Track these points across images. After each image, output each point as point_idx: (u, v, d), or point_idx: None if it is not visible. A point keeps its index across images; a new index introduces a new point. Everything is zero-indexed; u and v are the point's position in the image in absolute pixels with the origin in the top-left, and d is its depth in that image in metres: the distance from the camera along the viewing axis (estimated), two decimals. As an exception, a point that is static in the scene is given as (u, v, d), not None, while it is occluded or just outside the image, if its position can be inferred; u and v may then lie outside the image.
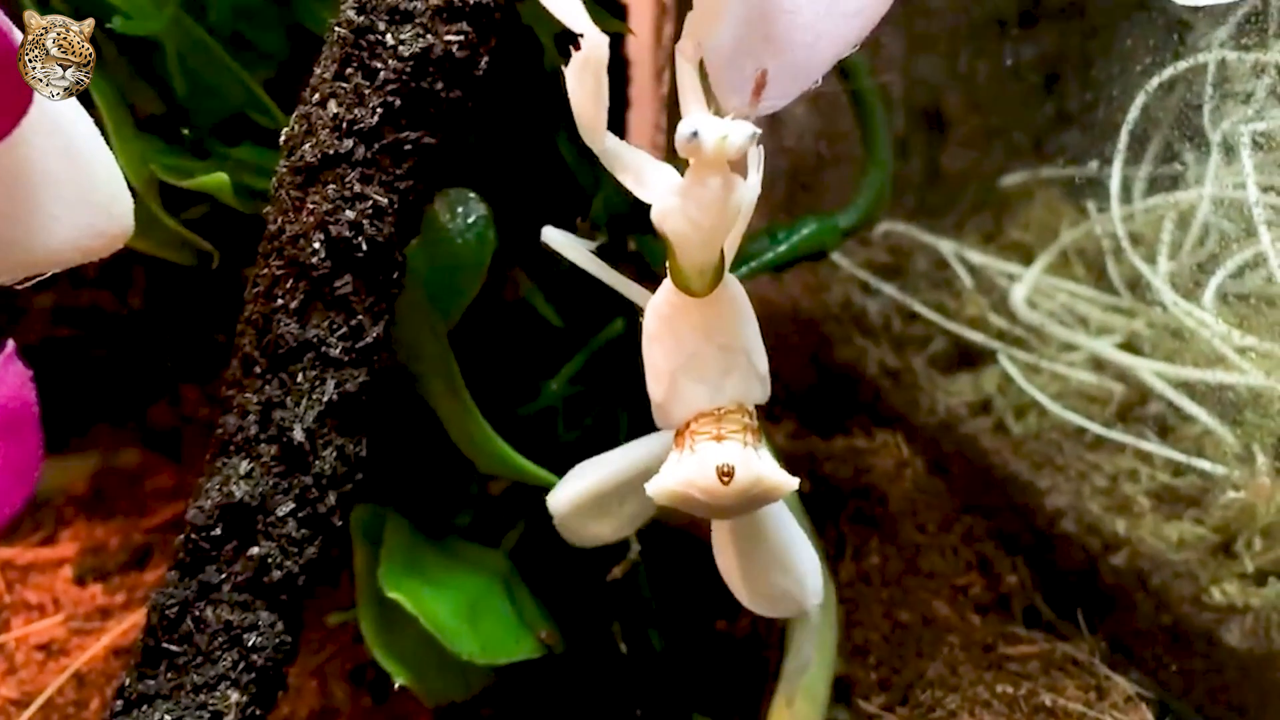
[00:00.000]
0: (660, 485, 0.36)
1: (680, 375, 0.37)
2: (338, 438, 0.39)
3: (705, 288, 0.35)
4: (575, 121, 0.35)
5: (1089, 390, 0.71)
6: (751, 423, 0.37)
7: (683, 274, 0.35)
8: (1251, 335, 0.59)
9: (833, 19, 0.37)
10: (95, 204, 0.35)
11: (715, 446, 0.36)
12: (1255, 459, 0.59)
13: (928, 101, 0.90)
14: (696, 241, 0.34)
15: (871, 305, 0.84)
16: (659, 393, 0.38)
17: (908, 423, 0.75)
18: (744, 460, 0.35)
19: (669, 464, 0.37)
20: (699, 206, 0.33)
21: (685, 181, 0.33)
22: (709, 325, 0.37)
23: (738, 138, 0.32)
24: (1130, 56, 0.66)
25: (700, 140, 0.32)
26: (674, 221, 0.34)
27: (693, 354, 0.37)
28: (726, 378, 0.37)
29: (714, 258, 0.35)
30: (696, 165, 0.33)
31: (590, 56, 0.33)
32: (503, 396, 0.52)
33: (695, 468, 0.35)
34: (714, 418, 0.37)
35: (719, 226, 0.34)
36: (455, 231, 0.48)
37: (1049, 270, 0.80)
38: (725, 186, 0.33)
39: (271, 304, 0.38)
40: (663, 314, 0.37)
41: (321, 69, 0.38)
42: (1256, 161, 0.60)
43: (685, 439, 0.37)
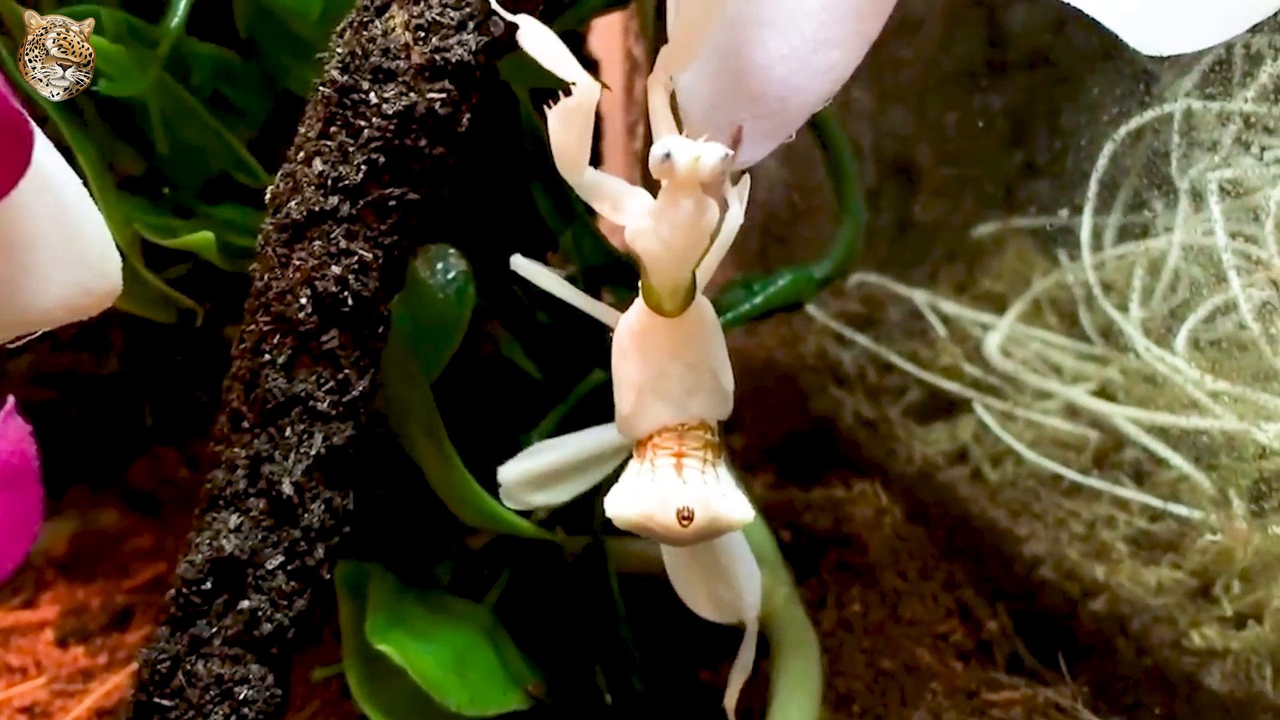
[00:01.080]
0: (620, 512, 0.36)
1: (647, 391, 0.37)
2: (326, 491, 0.39)
3: (677, 308, 0.36)
4: (554, 159, 0.35)
5: (1064, 438, 0.72)
6: (713, 439, 0.38)
7: (655, 294, 0.36)
8: (1224, 380, 0.60)
9: (805, 74, 0.38)
10: (85, 262, 0.35)
11: (674, 482, 0.36)
12: (1231, 503, 0.60)
13: (899, 153, 0.91)
14: (668, 262, 0.34)
15: (846, 356, 0.85)
16: (625, 406, 0.38)
17: (885, 472, 0.75)
18: (703, 503, 0.35)
19: (628, 476, 0.37)
20: (671, 227, 0.33)
21: (658, 202, 0.34)
22: (678, 344, 0.37)
23: (710, 159, 0.32)
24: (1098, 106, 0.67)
25: (673, 161, 0.32)
26: (646, 241, 0.34)
27: (660, 372, 0.37)
28: (692, 396, 0.37)
29: (685, 278, 0.35)
30: (669, 186, 0.33)
31: (582, 103, 0.34)
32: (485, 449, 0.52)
33: (656, 504, 0.35)
34: (677, 433, 0.37)
35: (691, 247, 0.34)
36: (436, 287, 0.49)
37: (1022, 319, 0.80)
38: (698, 208, 0.33)
39: (259, 359, 0.39)
40: (633, 331, 0.37)
41: (306, 127, 0.38)
42: (1224, 208, 0.61)
43: (647, 450, 0.37)
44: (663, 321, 0.36)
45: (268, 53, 0.48)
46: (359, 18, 0.38)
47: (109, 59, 0.43)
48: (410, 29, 0.37)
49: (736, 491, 0.37)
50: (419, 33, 0.37)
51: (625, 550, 0.59)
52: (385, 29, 0.37)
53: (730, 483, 0.37)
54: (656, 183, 0.34)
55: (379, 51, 0.37)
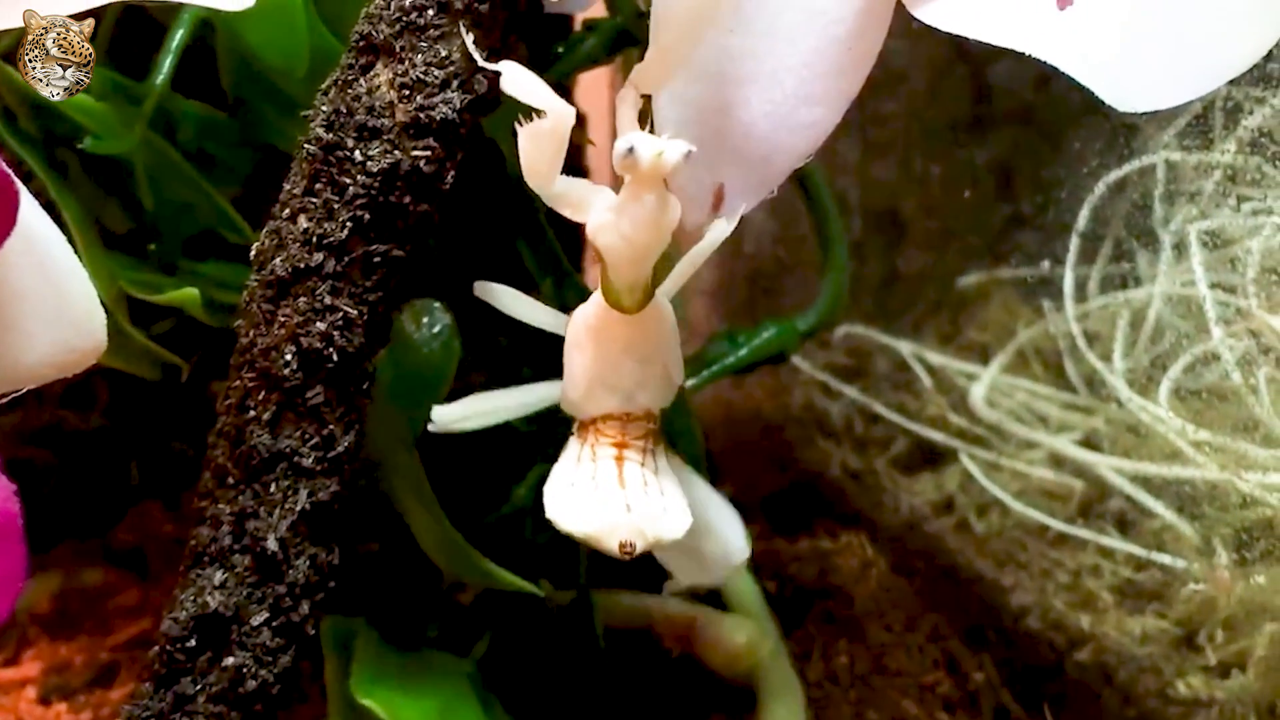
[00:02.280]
0: (561, 522, 0.36)
1: (597, 383, 0.38)
2: (311, 546, 0.39)
3: (635, 305, 0.36)
4: (524, 175, 0.35)
5: (1050, 487, 0.72)
6: (655, 427, 0.38)
7: (614, 290, 0.36)
8: (1207, 429, 0.60)
9: (787, 131, 0.38)
10: (70, 320, 0.35)
11: (615, 494, 0.36)
12: (1215, 552, 0.60)
13: (884, 205, 0.92)
14: (629, 257, 0.35)
15: (833, 408, 0.85)
16: (574, 394, 0.39)
17: (872, 523, 0.75)
18: (642, 529, 0.35)
19: (567, 461, 0.38)
20: (633, 222, 0.34)
21: (620, 197, 0.34)
22: (633, 341, 0.37)
23: (673, 154, 0.32)
24: (1080, 158, 0.68)
25: (636, 155, 0.32)
26: (607, 237, 0.34)
27: (613, 366, 0.37)
28: (641, 389, 0.38)
29: (645, 275, 0.36)
30: (632, 181, 0.33)
31: (556, 127, 0.34)
32: (470, 502, 0.52)
33: (598, 528, 0.35)
34: (622, 422, 0.38)
35: (652, 244, 0.34)
36: (421, 341, 0.49)
37: (1007, 369, 0.80)
38: (660, 203, 0.33)
39: (244, 416, 0.39)
40: (589, 325, 0.37)
41: (291, 185, 0.39)
42: (1206, 259, 0.61)
43: (589, 435, 0.38)
44: (620, 317, 0.36)
45: (254, 109, 0.48)
46: (344, 76, 0.38)
47: (94, 117, 0.44)
48: (395, 87, 0.37)
49: (675, 494, 0.38)
50: (403, 91, 0.37)
51: (612, 603, 0.59)
52: (370, 87, 0.38)
53: (669, 479, 0.38)
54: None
55: (364, 110, 0.38)
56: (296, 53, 0.44)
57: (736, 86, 0.39)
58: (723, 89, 0.38)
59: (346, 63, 0.39)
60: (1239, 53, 0.35)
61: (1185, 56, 0.35)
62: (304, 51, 0.44)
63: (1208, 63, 0.35)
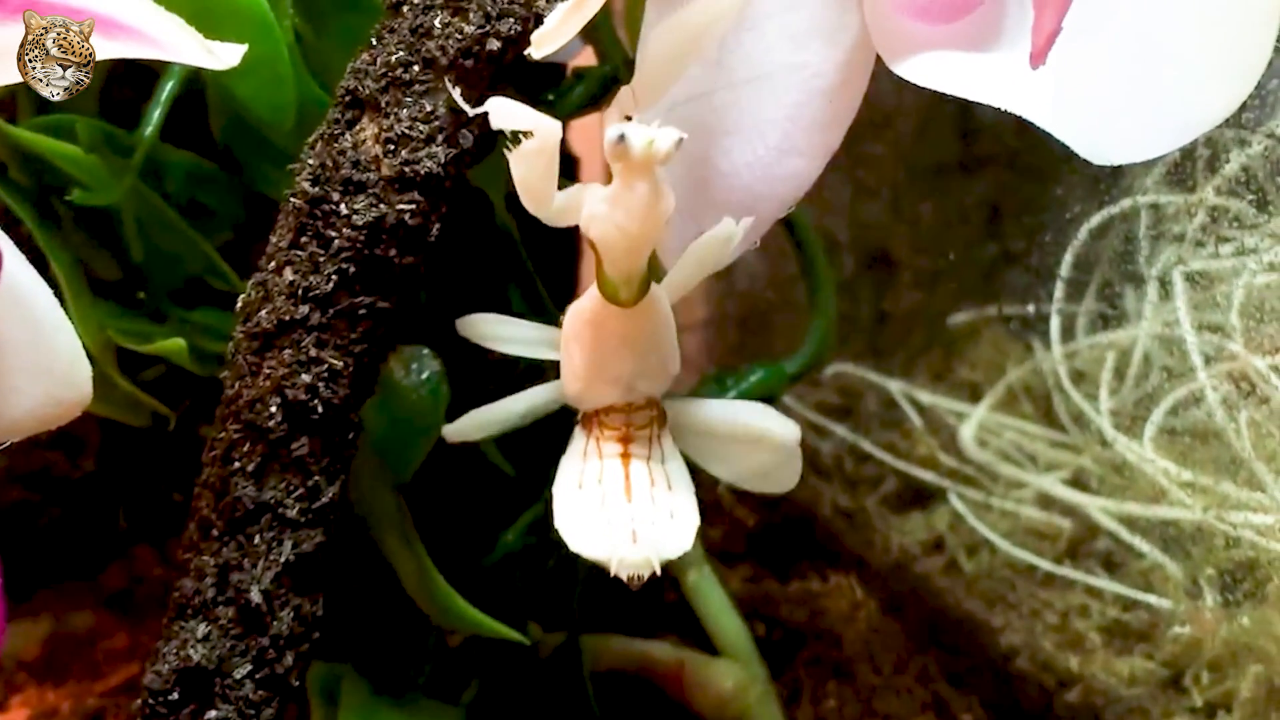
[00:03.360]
0: (572, 543, 0.36)
1: (596, 376, 0.38)
2: (295, 598, 0.40)
3: (632, 297, 0.36)
4: (521, 199, 0.35)
5: (1039, 527, 0.72)
6: (657, 412, 0.38)
7: (610, 283, 0.35)
8: (1193, 469, 0.60)
9: (770, 181, 0.39)
10: (55, 373, 0.36)
11: (622, 510, 0.36)
12: (1201, 593, 0.60)
13: (875, 245, 0.92)
14: (623, 248, 0.34)
15: (824, 446, 0.85)
16: (573, 387, 0.38)
17: (862, 563, 0.75)
18: (650, 555, 0.35)
19: (573, 459, 0.38)
20: (626, 212, 0.33)
21: (613, 188, 0.33)
22: (630, 334, 0.37)
23: (664, 142, 0.32)
24: (1068, 198, 0.69)
25: (628, 143, 0.31)
26: (601, 227, 0.34)
27: (611, 359, 0.37)
28: (641, 379, 0.38)
29: (641, 266, 0.35)
30: (624, 170, 0.32)
31: (545, 145, 0.34)
32: (459, 548, 0.52)
33: (607, 553, 0.35)
34: (625, 412, 0.38)
35: (646, 234, 0.34)
36: (409, 387, 0.49)
37: (997, 407, 0.81)
38: (653, 192, 0.33)
39: (229, 467, 0.39)
40: (585, 318, 0.37)
41: (277, 237, 0.39)
42: (1191, 299, 0.62)
43: (594, 427, 0.38)
44: (616, 311, 0.36)
45: (243, 159, 0.49)
46: (330, 130, 0.39)
47: (84, 168, 0.44)
48: (380, 142, 0.38)
49: (682, 487, 0.37)
50: (389, 145, 0.38)
51: (601, 646, 0.59)
52: (356, 141, 0.38)
53: (676, 466, 0.38)
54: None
55: (349, 164, 0.38)
56: (284, 105, 0.44)
57: (719, 138, 0.39)
58: (706, 140, 0.38)
59: (332, 117, 0.39)
60: (1213, 106, 0.36)
61: (1160, 110, 0.36)
62: (292, 104, 0.44)
63: (1182, 116, 0.36)
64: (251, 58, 0.35)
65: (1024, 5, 0.33)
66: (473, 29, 0.38)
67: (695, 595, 0.60)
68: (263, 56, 0.42)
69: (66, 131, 0.45)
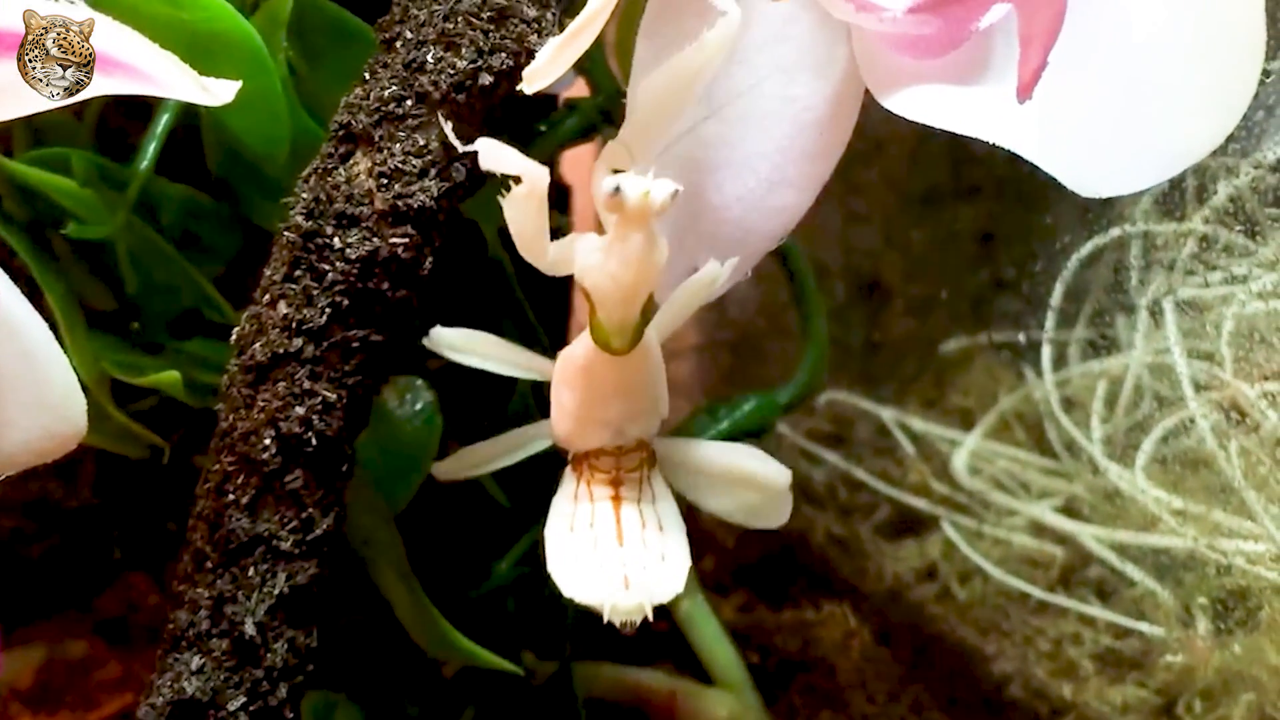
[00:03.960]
0: (567, 590, 0.36)
1: (587, 420, 0.38)
2: (289, 630, 0.40)
3: (625, 346, 0.36)
4: (518, 248, 0.36)
5: (1031, 554, 0.72)
6: (647, 453, 0.38)
7: (603, 331, 0.35)
8: (1185, 497, 0.61)
9: (760, 214, 0.39)
10: (50, 407, 0.36)
11: (613, 554, 0.36)
12: (1194, 620, 0.60)
13: (867, 272, 0.92)
14: (618, 298, 0.34)
15: (816, 474, 0.85)
16: (563, 430, 0.38)
17: (855, 591, 0.75)
18: (641, 609, 0.35)
19: (564, 502, 0.38)
20: (621, 262, 0.33)
21: (608, 238, 0.33)
22: (622, 381, 0.37)
23: (660, 193, 0.32)
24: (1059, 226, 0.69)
25: (623, 194, 0.31)
26: (595, 277, 0.34)
27: (602, 404, 0.37)
28: (631, 422, 0.38)
29: (634, 315, 0.35)
30: (620, 221, 0.32)
31: (533, 190, 0.34)
32: (452, 578, 0.53)
33: (603, 605, 0.35)
34: (614, 455, 0.38)
35: (641, 284, 0.34)
36: (403, 418, 0.49)
37: (990, 434, 0.81)
38: (648, 242, 0.33)
39: (223, 500, 0.39)
40: (578, 364, 0.37)
41: (271, 271, 0.39)
42: (1182, 326, 0.62)
43: (584, 470, 0.38)
44: (609, 359, 0.36)
45: (237, 192, 0.49)
46: (323, 164, 0.39)
47: (79, 202, 0.44)
48: (373, 176, 0.38)
49: (674, 528, 0.38)
50: (382, 180, 0.38)
51: (594, 675, 0.59)
52: (349, 176, 0.38)
53: (667, 507, 0.38)
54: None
55: (343, 198, 0.38)
56: (279, 139, 0.45)
57: (710, 171, 0.39)
58: (697, 174, 0.39)
59: (326, 151, 0.39)
60: (1199, 139, 0.36)
61: (1146, 143, 0.36)
62: (286, 137, 0.45)
63: (1169, 149, 0.36)
64: (246, 92, 0.35)
65: (1010, 40, 0.34)
66: (465, 64, 0.38)
67: (688, 624, 0.60)
68: (257, 91, 0.42)
69: (62, 165, 0.45)
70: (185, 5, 0.40)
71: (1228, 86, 0.36)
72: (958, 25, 0.34)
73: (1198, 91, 0.36)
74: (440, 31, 0.38)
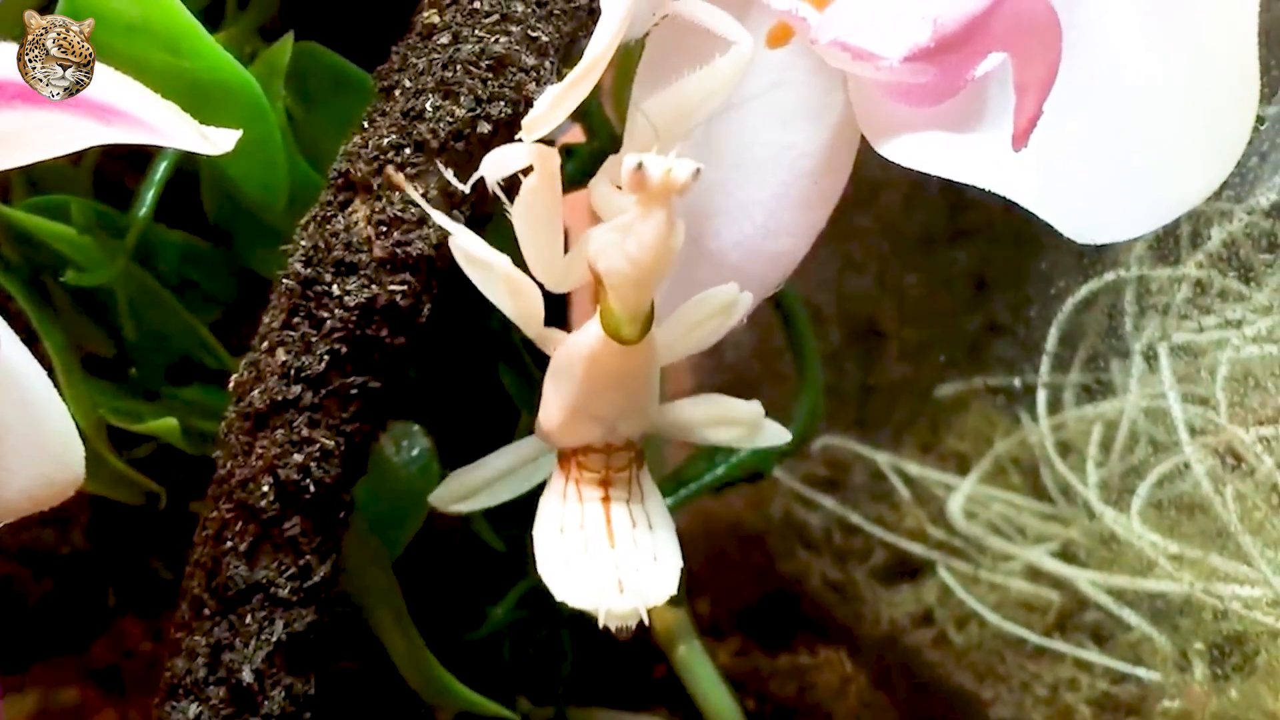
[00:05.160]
0: (560, 593, 0.35)
1: (580, 414, 0.37)
2: (286, 677, 0.39)
3: (636, 335, 0.35)
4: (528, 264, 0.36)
5: (1028, 599, 0.72)
6: (635, 453, 0.38)
7: (614, 318, 0.35)
8: (1181, 541, 0.61)
9: (757, 261, 0.39)
10: (49, 454, 0.36)
11: (605, 555, 0.36)
12: (1191, 665, 0.60)
13: (862, 316, 0.93)
14: (633, 280, 0.33)
15: (813, 519, 0.85)
16: (551, 423, 0.38)
17: (851, 636, 0.75)
18: (636, 613, 0.35)
19: (552, 502, 0.37)
20: (640, 243, 0.32)
21: (628, 216, 0.33)
22: (625, 373, 0.36)
23: (682, 171, 0.31)
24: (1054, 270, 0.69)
25: (645, 171, 0.31)
26: (611, 258, 0.33)
27: (598, 398, 0.37)
28: (623, 420, 0.37)
29: (647, 302, 0.35)
30: (641, 200, 0.32)
31: (544, 172, 0.34)
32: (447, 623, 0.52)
33: (597, 610, 0.35)
34: (604, 453, 0.37)
35: (658, 266, 0.33)
36: (400, 464, 0.49)
37: (986, 479, 0.81)
38: (667, 223, 0.32)
39: (221, 547, 0.39)
40: (582, 353, 0.36)
41: (270, 318, 0.39)
42: (1177, 371, 0.62)
43: (571, 469, 0.38)
44: (617, 349, 0.35)
45: (236, 239, 0.49)
46: (322, 212, 0.39)
47: (78, 249, 0.44)
48: (372, 223, 0.38)
49: (663, 526, 0.37)
50: (380, 227, 0.38)
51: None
52: (348, 223, 0.38)
53: (656, 506, 0.38)
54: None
55: (341, 245, 0.38)
56: (277, 186, 0.45)
57: (706, 218, 0.40)
58: (693, 220, 0.39)
59: (325, 199, 0.39)
60: (1193, 187, 0.37)
61: (1141, 191, 0.36)
62: (284, 185, 0.45)
63: (1163, 197, 0.37)
64: (245, 140, 0.35)
65: (1006, 88, 0.34)
66: (464, 112, 0.38)
67: (684, 669, 0.60)
68: (256, 139, 0.42)
69: (60, 212, 0.45)
70: (185, 53, 0.40)
71: (1222, 135, 0.36)
72: (953, 74, 0.34)
73: (1192, 139, 0.36)
74: (439, 80, 0.38)
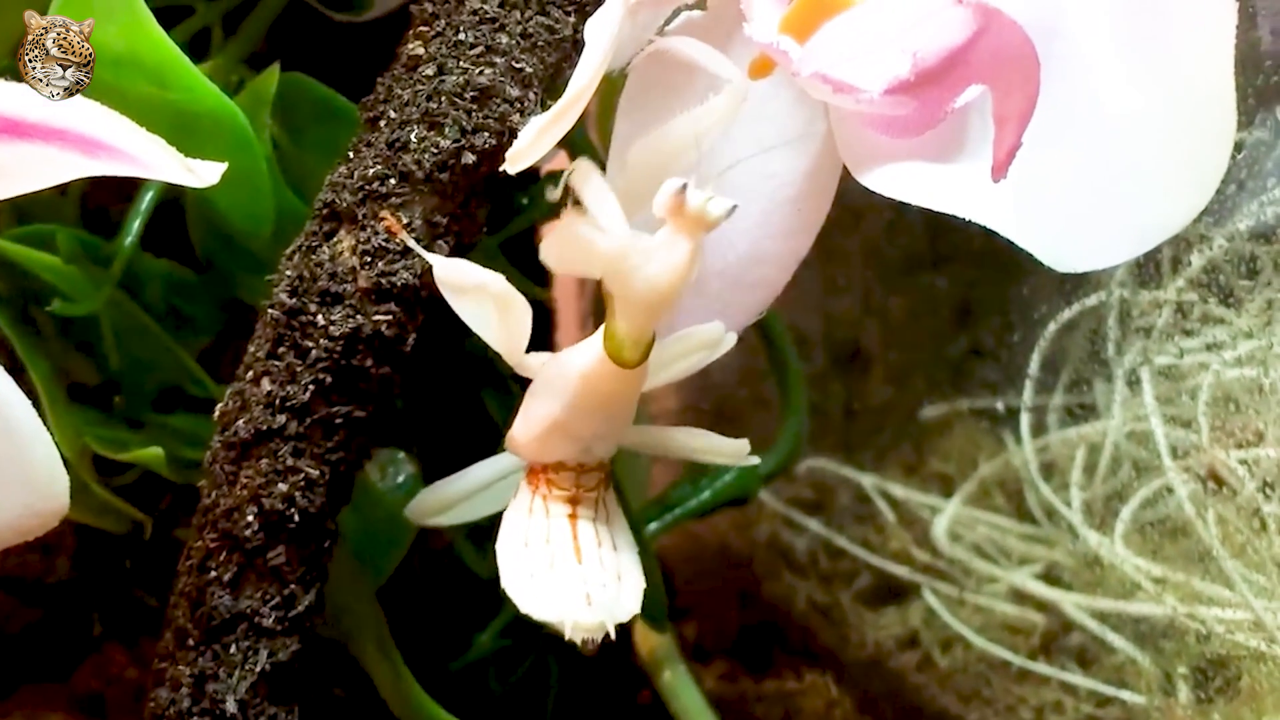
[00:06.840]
0: (525, 607, 0.35)
1: (559, 431, 0.37)
2: (270, 706, 0.39)
3: (637, 359, 0.35)
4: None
5: (1012, 622, 0.72)
6: (606, 476, 0.38)
7: (619, 340, 0.35)
8: (1165, 564, 0.61)
9: (739, 289, 0.40)
10: (33, 484, 0.36)
11: (572, 571, 0.36)
12: (1175, 689, 0.60)
13: (846, 339, 0.93)
14: (645, 305, 0.33)
15: (798, 542, 0.85)
16: (525, 436, 0.38)
17: (837, 659, 0.75)
18: (603, 620, 0.35)
19: (518, 513, 0.37)
20: (662, 267, 0.32)
21: (658, 237, 0.32)
22: (616, 396, 0.37)
23: (718, 207, 0.31)
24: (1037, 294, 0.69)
25: (686, 196, 0.31)
26: (629, 280, 0.33)
27: (582, 417, 0.37)
28: (599, 441, 0.37)
29: (652, 328, 0.35)
30: (673, 226, 0.32)
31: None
32: (433, 650, 0.52)
33: (563, 624, 0.35)
34: (575, 472, 0.37)
35: (672, 293, 0.33)
36: (385, 490, 0.49)
37: (970, 501, 0.81)
38: (693, 255, 0.32)
39: (205, 577, 0.39)
40: (576, 371, 0.36)
41: (255, 348, 0.39)
42: (1159, 394, 0.62)
43: (539, 484, 0.37)
44: (614, 371, 0.35)
45: (221, 267, 0.49)
46: (307, 242, 0.39)
47: (64, 278, 0.44)
48: (357, 254, 0.38)
49: (626, 546, 0.37)
50: (365, 258, 0.38)
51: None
52: (333, 253, 0.38)
53: (620, 525, 0.38)
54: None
55: (326, 275, 0.38)
56: (262, 216, 0.45)
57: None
58: (676, 249, 0.39)
59: (310, 229, 0.39)
60: (1172, 215, 0.37)
61: (1120, 219, 0.37)
62: (270, 214, 0.45)
63: (1142, 225, 0.37)
64: (231, 170, 0.35)
65: (986, 119, 0.34)
66: (448, 143, 0.38)
67: (670, 694, 0.60)
68: (242, 169, 0.42)
69: (46, 241, 0.45)
70: (170, 85, 0.40)
71: (1200, 163, 0.36)
72: (933, 105, 0.34)
73: (1171, 168, 0.36)
74: (424, 111, 0.39)
